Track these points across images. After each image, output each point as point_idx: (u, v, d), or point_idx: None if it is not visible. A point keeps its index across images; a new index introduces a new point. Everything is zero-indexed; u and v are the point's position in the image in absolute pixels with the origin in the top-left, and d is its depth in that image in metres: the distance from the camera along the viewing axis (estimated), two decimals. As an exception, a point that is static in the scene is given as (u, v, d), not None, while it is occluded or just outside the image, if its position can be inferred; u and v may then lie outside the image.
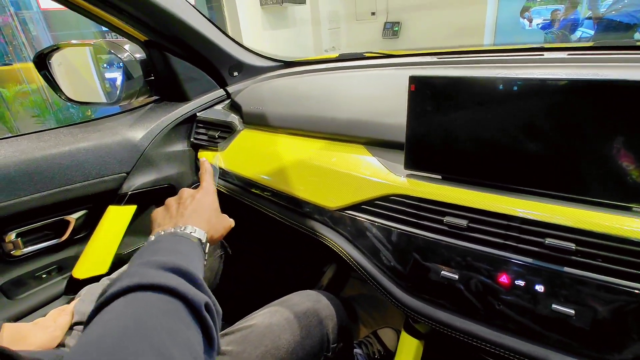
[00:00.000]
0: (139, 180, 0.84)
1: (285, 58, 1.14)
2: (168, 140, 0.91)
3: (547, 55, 0.79)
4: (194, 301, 0.34)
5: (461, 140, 0.52)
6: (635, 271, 0.42)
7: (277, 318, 0.61)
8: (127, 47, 0.89)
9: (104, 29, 0.84)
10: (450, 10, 3.25)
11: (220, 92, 0.99)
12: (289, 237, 1.10)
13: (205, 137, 0.93)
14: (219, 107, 0.98)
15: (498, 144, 0.50)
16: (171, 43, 0.86)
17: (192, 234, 0.46)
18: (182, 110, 0.92)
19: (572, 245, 0.45)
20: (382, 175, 0.60)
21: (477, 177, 0.53)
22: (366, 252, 0.61)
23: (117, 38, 0.93)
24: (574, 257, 0.45)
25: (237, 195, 0.86)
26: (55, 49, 0.89)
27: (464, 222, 0.51)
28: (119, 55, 0.87)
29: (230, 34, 0.99)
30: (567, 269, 0.46)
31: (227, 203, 0.94)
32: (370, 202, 0.60)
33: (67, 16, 3.03)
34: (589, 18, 4.34)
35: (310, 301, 0.65)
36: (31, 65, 3.05)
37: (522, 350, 0.48)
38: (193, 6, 0.83)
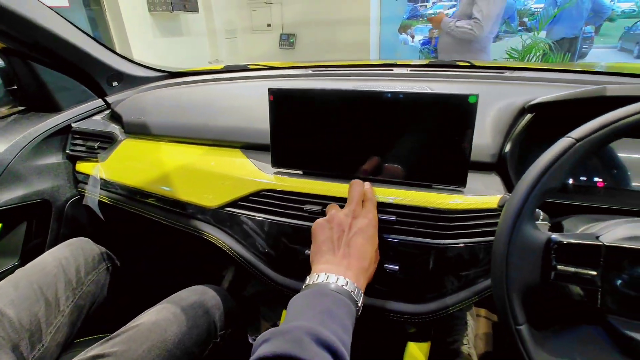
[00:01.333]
0: (4, 197, 0.79)
1: (170, 68, 1.16)
2: (39, 152, 0.86)
3: (396, 70, 0.98)
4: None
5: (313, 141, 0.64)
6: (435, 231, 0.58)
7: (163, 314, 0.65)
8: (-20, 53, 0.82)
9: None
10: (339, 27, 3.56)
11: (98, 102, 0.97)
12: (183, 245, 1.12)
13: (83, 148, 0.91)
14: (97, 117, 0.96)
15: (341, 143, 0.63)
16: (35, 51, 0.83)
17: (352, 294, 0.46)
18: (54, 121, 0.88)
19: (394, 217, 0.59)
20: (254, 174, 0.69)
21: (329, 171, 0.65)
22: (244, 243, 0.69)
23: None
24: (395, 226, 0.60)
25: (122, 204, 0.86)
26: None
27: (319, 208, 0.62)
28: (-30, 63, 0.80)
29: (115, 41, 0.98)
30: (392, 236, 0.60)
31: (112, 213, 0.93)
32: (245, 198, 0.68)
33: None
34: (456, 37, 5.09)
35: (196, 294, 0.70)
36: None
37: (366, 304, 0.61)
38: (57, 13, 0.81)
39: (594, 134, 0.39)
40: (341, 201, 0.62)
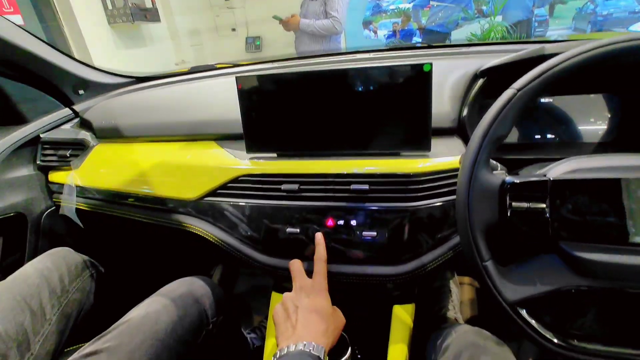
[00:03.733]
0: (-24, 212, 0.77)
1: (136, 73, 1.15)
2: (8, 165, 0.85)
3: (359, 56, 1.01)
4: None
5: (284, 123, 0.67)
6: (406, 195, 0.62)
7: (153, 307, 0.65)
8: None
9: None
10: (304, 25, 3.58)
11: (66, 111, 0.97)
12: (167, 244, 1.12)
13: (54, 158, 0.90)
14: (67, 126, 0.96)
15: (310, 123, 0.66)
16: None
17: (312, 351, 0.50)
18: (21, 133, 0.87)
19: (367, 186, 0.62)
20: (230, 162, 0.71)
21: (302, 150, 0.68)
22: (227, 230, 0.71)
23: None
24: (369, 195, 0.63)
25: (101, 209, 0.86)
26: None
27: (295, 187, 0.65)
28: None
29: (76, 55, 0.97)
30: (367, 204, 0.63)
31: (91, 220, 0.92)
32: (224, 186, 0.70)
33: None
34: (419, 28, 5.26)
35: (184, 285, 0.71)
36: None
37: (348, 272, 0.64)
38: (15, 24, 0.80)
39: (533, 82, 0.44)
40: (316, 177, 0.65)
